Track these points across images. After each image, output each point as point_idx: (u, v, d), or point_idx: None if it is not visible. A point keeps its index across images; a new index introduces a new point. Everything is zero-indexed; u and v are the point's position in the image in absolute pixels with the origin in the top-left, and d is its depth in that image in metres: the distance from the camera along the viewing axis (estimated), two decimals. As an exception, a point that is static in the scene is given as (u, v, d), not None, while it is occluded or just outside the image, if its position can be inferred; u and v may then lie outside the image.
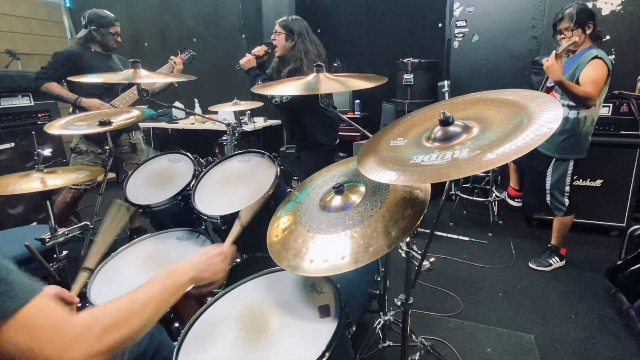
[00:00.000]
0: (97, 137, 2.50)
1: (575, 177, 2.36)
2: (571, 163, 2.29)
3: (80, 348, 0.59)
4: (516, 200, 3.03)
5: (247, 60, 2.31)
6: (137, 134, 2.86)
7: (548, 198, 2.42)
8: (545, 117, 0.77)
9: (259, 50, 2.33)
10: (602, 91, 2.11)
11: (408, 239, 1.14)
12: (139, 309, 0.72)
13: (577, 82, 2.10)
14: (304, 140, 2.46)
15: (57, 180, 1.48)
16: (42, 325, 0.57)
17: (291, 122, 2.47)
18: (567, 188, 2.33)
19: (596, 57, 2.05)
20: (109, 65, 2.63)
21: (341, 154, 3.66)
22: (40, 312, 0.58)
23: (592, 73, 2.05)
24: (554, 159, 2.33)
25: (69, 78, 2.01)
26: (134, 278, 1.44)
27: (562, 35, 2.16)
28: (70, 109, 2.56)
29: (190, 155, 1.96)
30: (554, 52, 2.02)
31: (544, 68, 2.04)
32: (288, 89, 1.45)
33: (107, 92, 2.59)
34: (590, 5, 2.65)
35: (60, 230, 1.54)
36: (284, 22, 2.30)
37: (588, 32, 2.14)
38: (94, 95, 2.52)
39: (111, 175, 2.31)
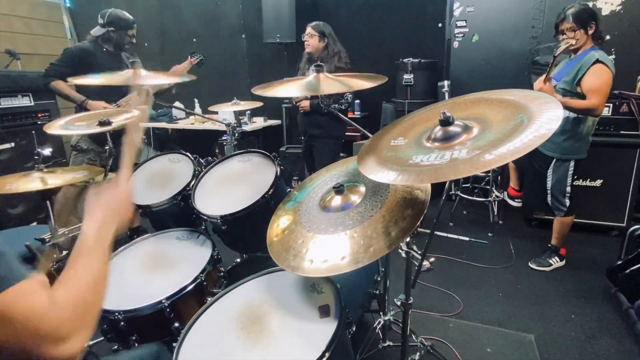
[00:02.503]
0: (99, 136, 2.49)
1: (576, 177, 2.36)
2: (572, 163, 2.29)
3: (69, 326, 0.61)
4: (516, 200, 3.03)
5: (304, 107, 2.74)
6: None
7: (549, 198, 2.41)
8: (545, 117, 0.77)
9: (301, 100, 2.75)
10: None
11: (408, 239, 1.14)
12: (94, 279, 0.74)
13: (579, 84, 2.10)
14: (319, 130, 2.77)
15: (57, 180, 1.49)
16: (21, 313, 0.55)
17: (309, 116, 2.77)
18: (568, 188, 2.33)
19: (598, 60, 2.04)
20: (119, 66, 2.56)
21: (341, 154, 3.66)
22: (18, 302, 0.55)
23: (595, 82, 2.04)
24: (554, 160, 2.32)
25: (69, 78, 1.99)
26: (133, 278, 1.44)
27: (565, 36, 2.15)
28: (75, 109, 2.53)
29: (190, 155, 1.96)
30: (543, 75, 2.03)
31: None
32: (290, 89, 1.45)
33: (114, 91, 2.56)
34: (590, 5, 2.65)
35: (60, 230, 1.54)
36: (316, 25, 2.62)
37: (590, 32, 2.13)
38: (101, 95, 2.48)
39: (112, 175, 2.31)
